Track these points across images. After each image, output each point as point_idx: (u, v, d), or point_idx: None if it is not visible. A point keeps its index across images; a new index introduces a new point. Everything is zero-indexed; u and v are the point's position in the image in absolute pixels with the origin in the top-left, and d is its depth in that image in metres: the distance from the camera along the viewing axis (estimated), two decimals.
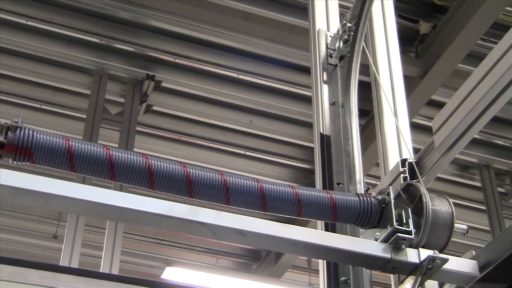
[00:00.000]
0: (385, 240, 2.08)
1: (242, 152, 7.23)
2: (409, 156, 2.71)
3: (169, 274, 7.11)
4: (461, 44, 5.61)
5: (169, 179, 2.02)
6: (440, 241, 2.12)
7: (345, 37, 3.04)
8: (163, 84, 6.52)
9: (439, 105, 5.94)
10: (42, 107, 6.67)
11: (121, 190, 3.29)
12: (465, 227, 2.23)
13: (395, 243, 2.06)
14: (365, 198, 2.17)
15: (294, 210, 2.12)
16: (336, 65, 3.04)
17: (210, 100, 6.69)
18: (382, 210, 2.15)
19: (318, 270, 2.56)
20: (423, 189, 2.16)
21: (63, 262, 5.40)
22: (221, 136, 7.07)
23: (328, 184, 2.67)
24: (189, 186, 2.03)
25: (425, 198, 2.13)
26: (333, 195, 2.15)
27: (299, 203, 2.11)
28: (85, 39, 6.14)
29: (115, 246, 5.64)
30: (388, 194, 2.16)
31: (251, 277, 7.98)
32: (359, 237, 2.29)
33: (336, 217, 2.15)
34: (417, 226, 2.10)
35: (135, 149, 6.22)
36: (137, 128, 6.46)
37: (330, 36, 3.14)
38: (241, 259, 8.92)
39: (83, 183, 3.16)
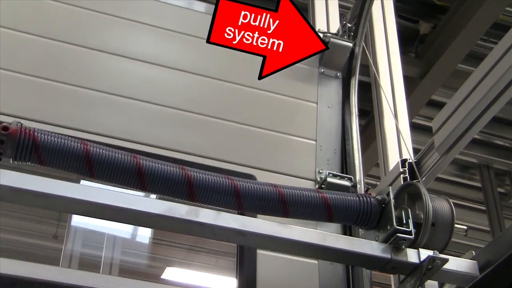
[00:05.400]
0: (385, 241, 2.08)
1: None
2: (409, 156, 2.71)
3: (169, 274, 7.10)
4: (461, 44, 5.61)
5: (115, 170, 1.88)
6: (440, 241, 2.11)
7: (345, 37, 3.03)
8: None
9: (439, 105, 5.93)
10: None
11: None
12: (465, 227, 2.23)
13: (395, 244, 2.06)
14: (364, 198, 2.16)
15: (280, 210, 2.05)
16: None
17: None
18: (382, 210, 2.14)
19: None
20: (423, 190, 2.15)
21: (63, 262, 5.38)
22: None
23: None
24: (141, 178, 1.90)
25: (425, 199, 2.12)
26: (326, 195, 2.11)
27: (283, 202, 2.04)
28: None
29: (115, 246, 5.64)
30: (388, 194, 2.15)
31: None
32: (358, 237, 2.28)
33: (331, 217, 2.12)
34: (417, 226, 2.10)
35: None
36: None
37: None
38: None
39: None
